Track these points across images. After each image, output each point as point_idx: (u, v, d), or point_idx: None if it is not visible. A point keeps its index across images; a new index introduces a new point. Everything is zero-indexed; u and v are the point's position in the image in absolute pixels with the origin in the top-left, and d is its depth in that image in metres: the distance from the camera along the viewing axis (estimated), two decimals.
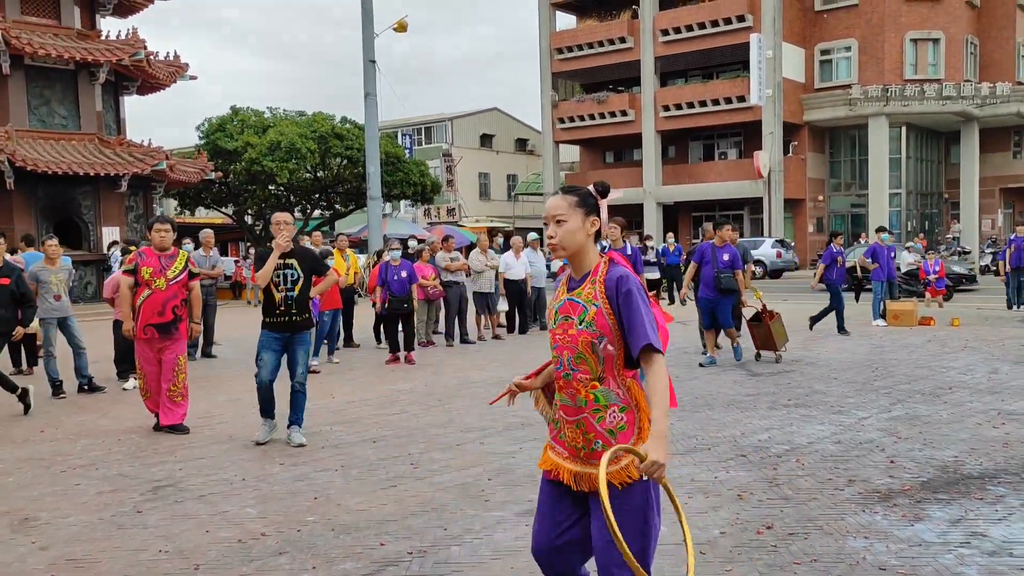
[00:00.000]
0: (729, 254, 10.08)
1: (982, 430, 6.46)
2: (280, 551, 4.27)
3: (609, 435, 2.65)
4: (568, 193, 2.77)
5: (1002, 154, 39.27)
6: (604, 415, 2.65)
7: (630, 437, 2.65)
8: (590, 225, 2.75)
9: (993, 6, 37.74)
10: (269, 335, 6.56)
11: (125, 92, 25.05)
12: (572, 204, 2.74)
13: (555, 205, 2.75)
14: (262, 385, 6.60)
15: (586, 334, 2.65)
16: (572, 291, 2.74)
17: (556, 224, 2.73)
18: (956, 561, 3.91)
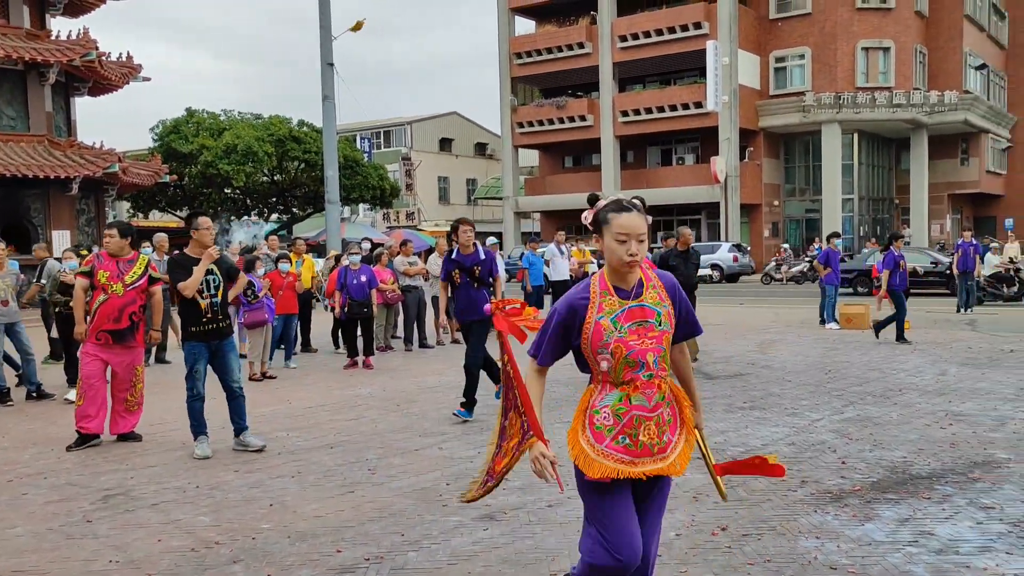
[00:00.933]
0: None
1: (930, 431, 6.61)
2: (234, 559, 4.21)
3: (669, 424, 2.92)
4: (639, 210, 2.90)
5: (950, 161, 40.29)
6: (667, 408, 2.92)
7: (677, 427, 2.95)
8: None
9: (941, 17, 38.72)
10: (199, 345, 6.41)
11: (76, 93, 24.55)
12: (648, 224, 2.90)
13: (639, 224, 2.84)
14: (200, 399, 6.45)
15: (668, 333, 2.91)
16: (631, 298, 2.88)
17: (639, 242, 2.84)
18: (904, 560, 3.99)
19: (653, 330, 2.86)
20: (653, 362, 2.86)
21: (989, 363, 10.04)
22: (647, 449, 2.85)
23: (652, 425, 2.86)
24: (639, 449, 2.85)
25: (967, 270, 16.45)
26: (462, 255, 7.76)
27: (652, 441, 2.86)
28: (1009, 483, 5.18)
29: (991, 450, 5.97)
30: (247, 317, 10.10)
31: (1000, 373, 9.29)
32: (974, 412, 7.28)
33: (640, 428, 2.85)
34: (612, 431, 2.86)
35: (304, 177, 34.72)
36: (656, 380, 2.86)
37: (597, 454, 2.86)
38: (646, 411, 2.86)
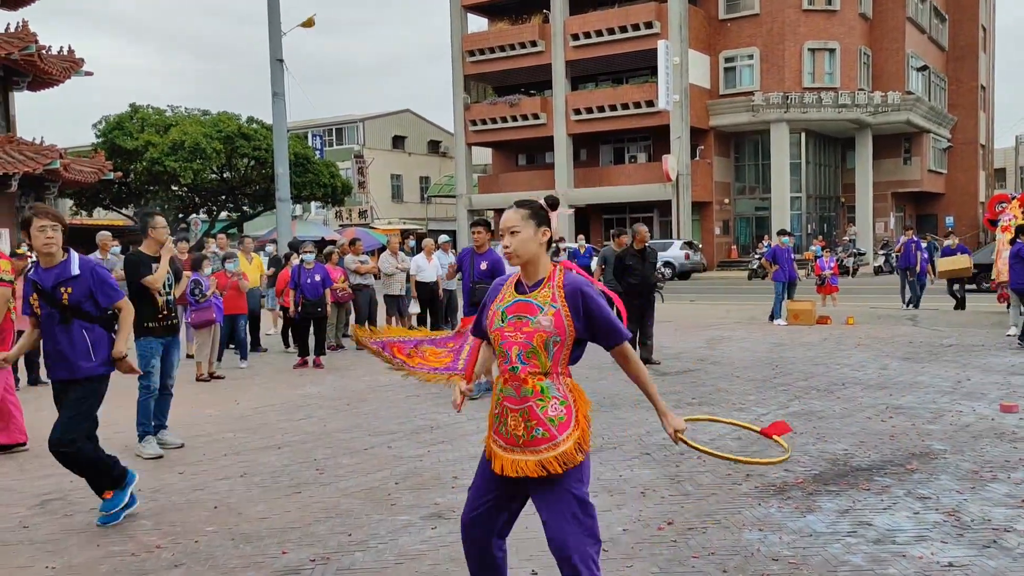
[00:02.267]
0: (488, 262, 8.47)
1: (871, 424, 6.77)
2: (176, 563, 4.14)
3: (550, 423, 2.93)
4: (521, 206, 3.05)
5: (894, 160, 41.27)
6: (547, 405, 2.94)
7: (567, 428, 2.95)
8: (541, 235, 3.02)
9: (885, 19, 39.61)
10: (155, 341, 6.41)
11: (15, 87, 23.82)
12: (525, 216, 3.01)
13: (509, 218, 3.02)
14: (154, 395, 6.42)
15: (543, 332, 2.92)
16: (525, 294, 3.01)
17: (511, 235, 2.99)
18: (843, 550, 4.08)
19: (527, 326, 2.94)
20: (516, 356, 2.94)
21: (929, 357, 10.31)
22: (513, 439, 2.97)
23: (518, 417, 2.96)
24: (508, 437, 2.99)
25: (909, 266, 16.87)
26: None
27: (518, 432, 2.96)
28: (945, 474, 5.32)
29: (928, 442, 6.13)
30: (194, 316, 9.91)
31: (939, 367, 9.54)
32: (913, 405, 7.47)
33: (507, 418, 2.99)
34: (497, 418, 3.07)
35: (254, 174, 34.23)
36: (523, 375, 2.94)
37: (490, 439, 3.10)
38: (513, 403, 2.97)
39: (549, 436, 2.92)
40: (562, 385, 2.97)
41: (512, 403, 2.97)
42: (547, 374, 2.95)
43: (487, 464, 3.10)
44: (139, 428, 6.38)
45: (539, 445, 2.93)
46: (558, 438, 2.92)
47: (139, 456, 6.26)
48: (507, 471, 2.97)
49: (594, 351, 3.17)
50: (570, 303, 2.94)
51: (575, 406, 2.98)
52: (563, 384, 2.98)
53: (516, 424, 2.96)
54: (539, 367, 2.94)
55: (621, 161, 40.79)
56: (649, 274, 10.37)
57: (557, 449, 2.91)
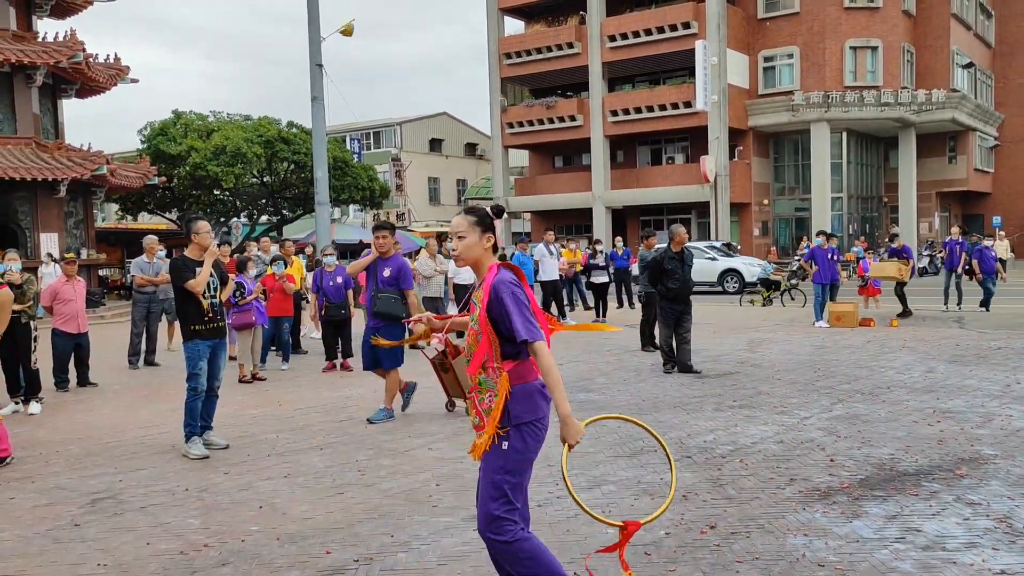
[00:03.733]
0: (393, 268, 7.60)
1: (918, 428, 6.65)
2: (223, 562, 4.21)
3: (484, 413, 3.22)
4: (468, 213, 3.32)
5: (938, 159, 40.48)
6: (484, 396, 3.23)
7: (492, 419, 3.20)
8: (485, 240, 3.29)
9: (929, 16, 38.90)
10: (202, 344, 6.53)
11: (63, 95, 24.43)
12: (471, 223, 3.29)
13: (457, 223, 3.30)
14: (202, 397, 6.55)
15: (473, 330, 3.27)
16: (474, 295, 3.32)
17: (458, 239, 3.29)
18: (891, 556, 4.01)
19: (470, 325, 3.33)
20: (468, 351, 3.29)
21: (977, 360, 10.10)
22: (474, 425, 3.32)
23: (471, 405, 3.31)
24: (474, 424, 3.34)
25: (953, 268, 16.51)
26: None
27: (472, 419, 3.32)
28: (995, 479, 5.21)
29: (978, 447, 6.01)
30: (235, 319, 10.06)
31: (987, 370, 9.34)
32: (961, 409, 7.32)
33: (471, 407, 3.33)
34: None
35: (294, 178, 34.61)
36: (472, 368, 3.24)
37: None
38: (471, 391, 3.31)
39: (481, 425, 3.25)
40: (496, 377, 3.18)
41: (473, 393, 3.29)
42: (484, 368, 3.20)
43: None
44: (186, 429, 6.50)
45: (478, 431, 3.28)
46: (483, 430, 3.24)
47: (186, 456, 6.37)
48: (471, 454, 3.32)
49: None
50: (489, 300, 3.17)
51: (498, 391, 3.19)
52: (497, 376, 3.18)
53: (474, 412, 3.29)
54: (477, 361, 3.21)
55: (658, 162, 40.55)
56: (688, 278, 10.02)
57: (480, 440, 3.24)
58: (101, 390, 9.95)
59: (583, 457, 5.92)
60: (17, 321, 8.66)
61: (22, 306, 8.70)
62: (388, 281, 7.54)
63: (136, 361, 11.71)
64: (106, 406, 8.87)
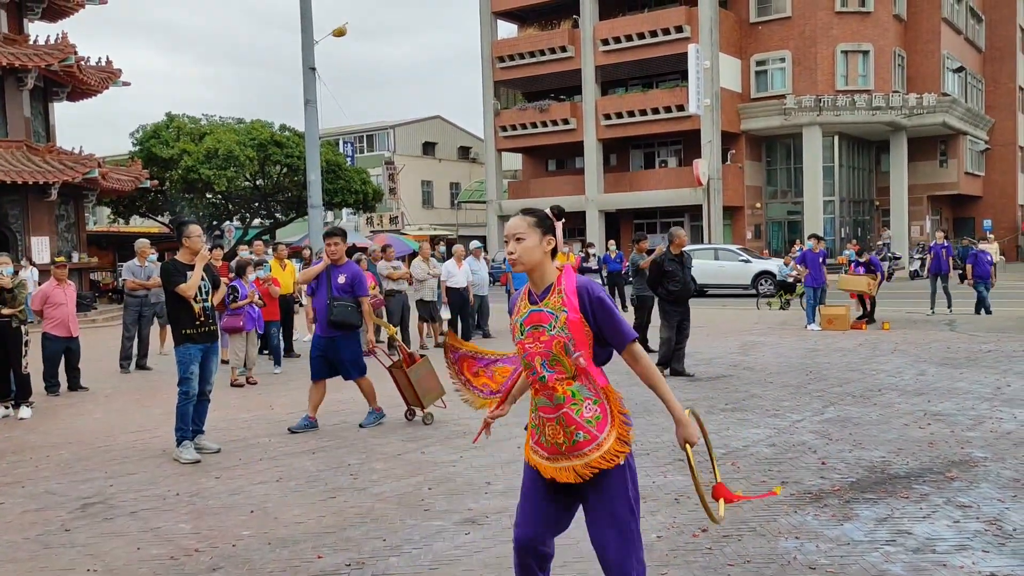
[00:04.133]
0: (348, 275, 7.41)
1: (909, 431, 6.67)
2: (214, 567, 4.19)
3: (588, 424, 2.93)
4: (527, 214, 3.05)
5: (929, 163, 40.65)
6: (581, 408, 2.94)
7: (605, 425, 2.94)
8: (546, 243, 3.01)
9: (919, 20, 39.08)
10: (194, 348, 6.52)
11: (55, 98, 24.35)
12: (531, 224, 3.01)
13: (515, 225, 3.02)
14: (193, 401, 6.53)
15: (560, 338, 2.93)
16: (536, 303, 3.02)
17: (516, 241, 3.00)
18: (882, 559, 4.03)
19: (544, 335, 2.96)
20: (541, 365, 2.97)
21: (967, 363, 10.14)
22: (555, 447, 2.98)
23: (556, 425, 2.96)
24: (549, 447, 3.00)
25: (940, 272, 16.51)
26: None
27: (558, 440, 2.96)
28: (985, 482, 5.23)
29: (968, 449, 6.03)
30: (225, 322, 10.03)
31: (978, 373, 9.38)
32: (952, 412, 7.35)
33: (545, 427, 3.00)
34: (536, 429, 3.07)
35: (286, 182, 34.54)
36: (551, 383, 2.95)
37: (530, 449, 3.11)
38: (548, 411, 2.98)
39: (591, 437, 2.93)
40: (592, 385, 2.97)
41: (547, 412, 2.98)
42: (574, 377, 2.95)
43: (535, 476, 3.06)
44: (177, 433, 6.48)
45: (583, 448, 2.92)
46: (600, 437, 2.93)
47: (176, 460, 6.35)
48: (559, 478, 2.97)
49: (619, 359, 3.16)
50: (580, 306, 2.95)
51: (608, 403, 2.98)
52: (592, 384, 2.97)
53: (555, 432, 2.96)
54: (565, 372, 2.95)
55: (651, 166, 40.63)
56: (689, 280, 10.01)
57: (601, 448, 2.92)
58: (92, 394, 9.91)
59: None
60: (8, 325, 8.63)
61: (13, 310, 8.67)
62: (343, 288, 7.34)
63: (127, 365, 11.67)
64: (97, 410, 8.83)
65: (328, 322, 7.28)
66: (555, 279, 3.02)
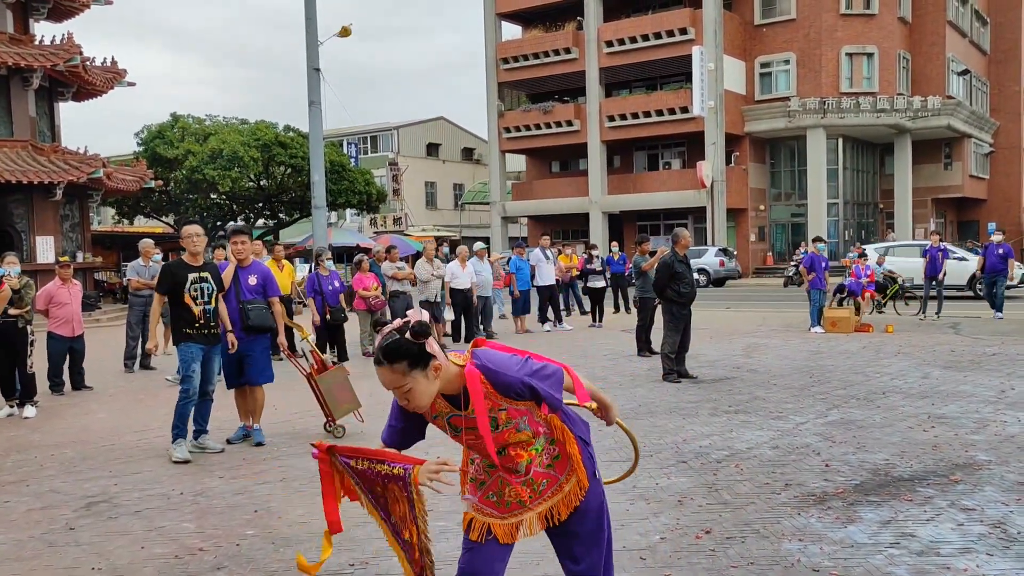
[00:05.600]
0: (258, 275, 7.09)
1: (913, 433, 6.66)
2: (218, 566, 4.20)
3: (549, 469, 2.73)
4: (391, 361, 2.47)
5: (934, 165, 40.60)
6: (543, 456, 2.72)
7: (566, 465, 2.73)
8: (432, 372, 2.51)
9: (924, 22, 39.04)
10: (195, 346, 6.50)
11: (60, 98, 24.41)
12: (405, 371, 2.48)
13: (391, 380, 2.49)
14: (193, 401, 6.51)
15: (507, 430, 2.63)
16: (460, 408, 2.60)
17: (405, 396, 2.53)
18: (886, 561, 4.02)
19: (487, 437, 2.57)
20: (496, 454, 2.66)
21: (971, 366, 10.12)
22: (516, 506, 2.74)
23: (521, 487, 2.72)
24: (506, 507, 2.74)
25: (935, 275, 16.33)
26: None
27: (522, 498, 2.73)
28: (990, 485, 5.22)
29: (972, 452, 6.02)
30: None
31: (982, 376, 9.36)
32: (956, 415, 7.34)
33: (505, 489, 2.74)
34: (483, 485, 2.77)
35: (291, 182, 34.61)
36: (512, 453, 2.68)
37: (472, 506, 2.79)
38: (512, 478, 2.72)
39: (552, 480, 2.74)
40: (544, 426, 2.71)
41: (511, 478, 2.73)
42: (534, 436, 2.69)
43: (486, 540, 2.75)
44: (173, 431, 6.50)
45: (545, 494, 2.73)
46: (560, 478, 2.74)
47: (169, 458, 6.37)
48: (517, 536, 2.74)
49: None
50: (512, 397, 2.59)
51: (563, 439, 2.74)
52: (545, 426, 2.72)
53: (520, 492, 2.73)
54: (522, 444, 2.68)
55: (655, 167, 40.63)
56: (693, 281, 10.08)
57: (563, 490, 2.74)
58: (96, 393, 9.93)
59: None
60: (14, 325, 8.67)
61: (20, 310, 8.70)
62: (255, 290, 6.97)
63: (132, 365, 11.70)
64: (101, 410, 8.86)
65: (244, 327, 6.85)
66: (468, 382, 2.55)
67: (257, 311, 6.89)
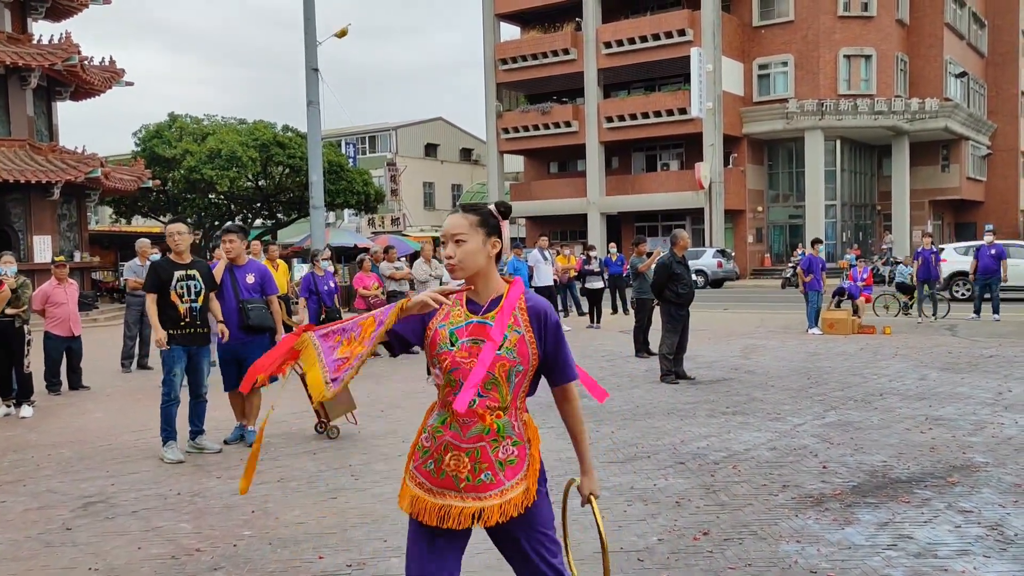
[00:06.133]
0: (256, 274, 7.00)
1: (910, 435, 6.67)
2: (215, 567, 4.20)
3: (499, 467, 2.52)
4: (468, 211, 2.58)
5: (931, 167, 40.67)
6: (499, 447, 2.52)
7: (519, 471, 2.54)
8: (491, 247, 2.57)
9: (922, 24, 39.10)
10: (178, 349, 6.42)
11: (58, 97, 24.40)
12: (473, 223, 2.55)
13: (455, 224, 2.56)
14: (177, 402, 6.45)
15: (506, 360, 2.49)
16: (480, 314, 2.55)
17: (456, 244, 2.54)
18: (883, 563, 4.02)
19: (488, 352, 2.48)
20: (475, 386, 2.47)
21: (969, 368, 10.13)
22: (449, 481, 2.52)
23: (464, 457, 2.51)
24: (440, 478, 2.53)
25: (928, 278, 16.24)
26: None
27: (458, 474, 2.51)
28: (987, 487, 5.23)
29: (970, 454, 6.03)
30: None
31: (979, 378, 9.38)
32: (953, 416, 7.34)
33: (446, 456, 2.53)
34: (426, 453, 2.59)
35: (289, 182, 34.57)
36: (480, 409, 2.49)
37: (408, 474, 2.65)
38: (458, 440, 2.51)
39: (496, 482, 2.51)
40: (518, 422, 2.56)
41: (457, 440, 2.52)
42: (505, 409, 2.52)
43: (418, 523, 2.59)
44: (162, 434, 6.49)
45: (483, 491, 2.51)
46: (505, 484, 2.52)
47: (162, 460, 6.36)
48: (443, 522, 2.51)
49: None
50: (534, 328, 2.54)
51: (528, 446, 2.57)
52: (519, 421, 2.56)
53: (459, 464, 2.52)
54: (498, 401, 2.51)
55: (653, 169, 40.65)
56: (692, 282, 10.09)
57: (503, 496, 2.51)
58: (94, 393, 9.92)
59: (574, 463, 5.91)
60: (11, 325, 8.66)
61: (16, 310, 8.69)
62: (253, 289, 6.84)
63: (129, 364, 11.68)
64: (98, 409, 8.84)
65: (243, 326, 6.75)
66: (504, 291, 2.58)
67: (257, 310, 6.82)
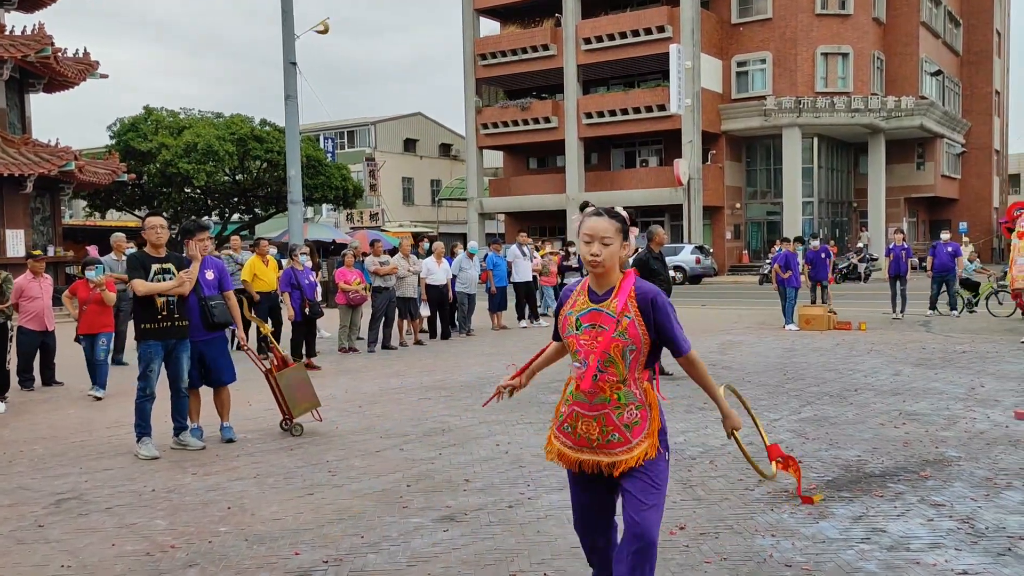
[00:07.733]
0: (215, 270, 6.87)
1: (884, 430, 6.74)
2: (190, 563, 4.16)
3: (625, 428, 3.02)
4: (613, 217, 3.03)
5: (907, 165, 41.10)
6: (623, 412, 3.02)
7: (642, 431, 3.02)
8: (626, 249, 3.08)
9: (898, 23, 39.47)
10: (155, 344, 6.35)
11: (31, 89, 24.05)
12: (617, 229, 3.02)
13: (602, 228, 3.00)
14: (152, 399, 6.38)
15: (620, 342, 2.97)
16: (598, 302, 3.04)
17: (603, 245, 3.00)
18: (857, 556, 4.07)
19: (603, 335, 2.99)
20: (596, 364, 2.99)
21: (942, 364, 10.26)
22: (584, 441, 3.06)
23: (592, 423, 3.03)
24: (576, 439, 3.09)
25: (899, 274, 16.38)
26: None
27: (590, 436, 3.04)
28: (959, 481, 5.30)
29: (942, 449, 6.10)
30: None
31: (953, 373, 9.49)
32: (927, 411, 7.43)
33: (578, 422, 3.07)
34: (562, 417, 3.14)
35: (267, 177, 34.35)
36: (601, 383, 3.00)
37: (553, 433, 3.20)
38: (585, 408, 3.05)
39: (624, 440, 3.02)
40: (639, 390, 3.03)
41: (585, 408, 3.05)
42: (624, 382, 3.01)
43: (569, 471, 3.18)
44: (136, 429, 6.42)
45: (614, 448, 3.02)
46: (632, 442, 3.02)
47: (137, 456, 6.30)
48: (583, 467, 3.08)
49: None
50: (643, 312, 3.01)
51: (649, 410, 3.05)
52: (639, 389, 3.04)
53: (589, 428, 3.05)
54: (617, 375, 2.99)
55: (632, 165, 40.78)
56: (668, 277, 10.05)
57: (632, 452, 3.01)
58: (67, 389, 9.81)
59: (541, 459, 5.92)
60: None
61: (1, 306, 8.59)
62: (213, 285, 6.72)
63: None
64: (72, 406, 8.75)
65: (209, 324, 6.63)
66: (620, 281, 3.04)
67: (220, 307, 6.74)
